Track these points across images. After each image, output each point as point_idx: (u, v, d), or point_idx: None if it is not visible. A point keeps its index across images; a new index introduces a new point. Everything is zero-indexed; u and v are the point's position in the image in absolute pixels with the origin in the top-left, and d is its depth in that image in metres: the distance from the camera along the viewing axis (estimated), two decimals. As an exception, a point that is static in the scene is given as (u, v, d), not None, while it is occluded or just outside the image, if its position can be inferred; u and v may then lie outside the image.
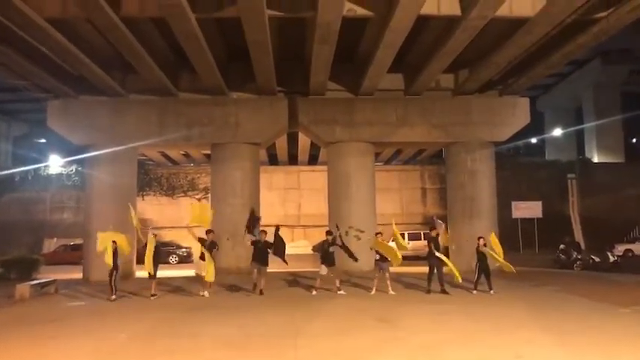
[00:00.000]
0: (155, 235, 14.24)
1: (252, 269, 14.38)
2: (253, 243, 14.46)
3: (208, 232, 14.11)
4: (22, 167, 32.74)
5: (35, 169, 32.58)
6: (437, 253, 13.99)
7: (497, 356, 7.45)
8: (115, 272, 13.61)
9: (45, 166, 33.31)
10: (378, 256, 14.32)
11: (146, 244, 13.98)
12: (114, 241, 13.80)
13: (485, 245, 14.16)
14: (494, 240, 14.65)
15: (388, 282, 14.10)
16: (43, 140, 43.73)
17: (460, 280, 13.73)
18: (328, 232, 15.02)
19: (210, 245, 13.79)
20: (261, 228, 15.08)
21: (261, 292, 13.89)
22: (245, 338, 8.72)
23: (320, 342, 8.40)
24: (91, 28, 15.36)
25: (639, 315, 10.64)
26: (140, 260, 14.51)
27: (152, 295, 13.61)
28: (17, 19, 13.60)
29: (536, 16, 14.46)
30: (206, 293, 13.71)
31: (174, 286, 15.50)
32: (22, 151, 41.70)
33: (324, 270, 14.14)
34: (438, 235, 14.38)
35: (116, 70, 18.94)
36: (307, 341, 8.39)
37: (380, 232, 14.94)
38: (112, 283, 13.63)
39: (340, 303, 12.70)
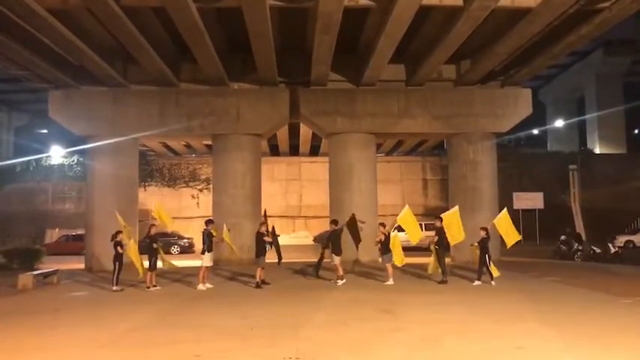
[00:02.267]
0: (154, 226, 14.25)
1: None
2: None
3: (208, 222, 14.09)
4: (23, 158, 32.80)
5: (37, 160, 32.64)
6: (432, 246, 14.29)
7: (498, 347, 7.46)
8: (117, 263, 13.58)
9: (46, 157, 33.35)
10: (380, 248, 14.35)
11: (147, 237, 14.12)
12: (119, 232, 13.84)
13: (487, 236, 14.09)
14: (504, 219, 14.61)
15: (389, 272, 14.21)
16: (45, 131, 43.77)
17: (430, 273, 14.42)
18: (333, 222, 15.00)
19: (207, 236, 13.75)
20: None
21: (257, 285, 13.73)
22: (246, 329, 8.75)
23: (322, 333, 8.42)
24: (92, 18, 15.31)
25: (640, 306, 10.67)
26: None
27: (148, 287, 13.53)
28: (18, 9, 13.56)
29: (539, 6, 14.39)
30: (201, 286, 13.55)
31: (177, 277, 15.53)
32: (23, 142, 41.75)
33: (336, 259, 14.23)
34: (442, 227, 14.35)
35: (117, 60, 18.93)
36: (309, 332, 8.42)
37: (383, 223, 14.92)
38: (116, 274, 13.62)
39: (342, 294, 12.73)
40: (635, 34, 34.33)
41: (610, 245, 21.95)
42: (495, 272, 13.96)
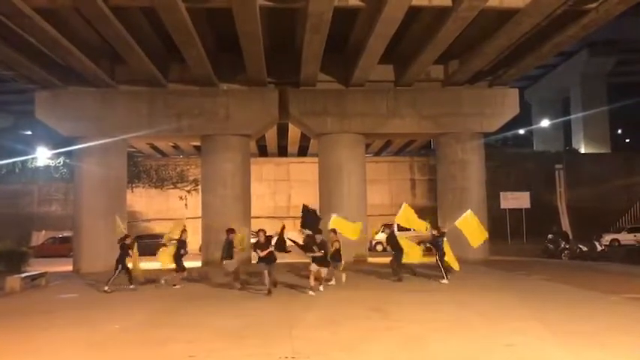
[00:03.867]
0: (185, 231, 14.38)
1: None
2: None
3: (230, 231, 13.78)
4: (8, 159, 32.31)
5: (22, 162, 32.19)
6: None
7: (487, 345, 7.51)
8: (120, 266, 13.64)
9: (32, 159, 32.92)
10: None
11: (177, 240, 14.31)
12: (128, 235, 14.22)
13: (439, 234, 14.37)
14: (469, 220, 14.62)
15: (340, 275, 13.74)
16: (29, 132, 43.21)
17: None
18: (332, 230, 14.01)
19: (228, 244, 13.58)
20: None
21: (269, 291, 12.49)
22: (241, 329, 8.72)
23: (315, 332, 8.43)
24: (80, 17, 15.20)
25: (628, 303, 10.80)
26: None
27: (175, 285, 13.84)
28: (4, 8, 13.42)
29: (527, 7, 14.55)
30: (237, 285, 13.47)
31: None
32: (7, 144, 41.12)
33: (313, 267, 12.79)
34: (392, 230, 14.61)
35: (105, 60, 18.81)
36: (302, 331, 8.42)
37: (334, 229, 14.13)
38: (114, 276, 13.62)
39: (333, 294, 12.72)
40: (619, 35, 34.81)
41: (596, 243, 22.24)
42: (455, 266, 14.26)
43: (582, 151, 40.65)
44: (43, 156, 32.86)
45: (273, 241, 13.40)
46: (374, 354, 7.15)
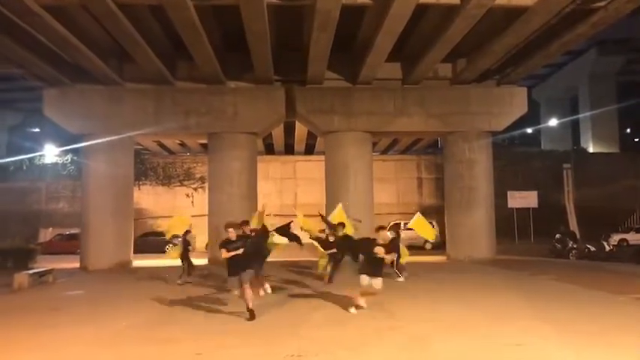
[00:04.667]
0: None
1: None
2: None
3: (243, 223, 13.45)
4: (16, 157, 32.53)
5: (30, 159, 32.40)
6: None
7: (492, 344, 7.47)
8: (185, 260, 14.33)
9: (40, 156, 33.13)
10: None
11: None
12: (189, 231, 14.76)
13: (397, 235, 14.51)
14: (419, 222, 14.91)
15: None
16: (37, 130, 43.52)
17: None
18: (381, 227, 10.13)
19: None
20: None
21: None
22: (247, 328, 8.74)
23: (321, 331, 8.42)
24: (88, 15, 15.24)
25: (635, 303, 10.73)
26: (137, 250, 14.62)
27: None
28: (13, 6, 13.48)
29: (536, 5, 14.46)
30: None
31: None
32: (16, 141, 41.44)
33: (366, 280, 9.61)
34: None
35: (113, 58, 18.86)
36: (309, 331, 8.42)
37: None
38: (185, 270, 14.32)
39: (336, 293, 12.69)
40: (628, 34, 34.55)
41: (604, 243, 22.08)
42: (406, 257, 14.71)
43: (590, 150, 40.39)
44: (50, 153, 33.12)
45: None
46: (380, 353, 7.14)
